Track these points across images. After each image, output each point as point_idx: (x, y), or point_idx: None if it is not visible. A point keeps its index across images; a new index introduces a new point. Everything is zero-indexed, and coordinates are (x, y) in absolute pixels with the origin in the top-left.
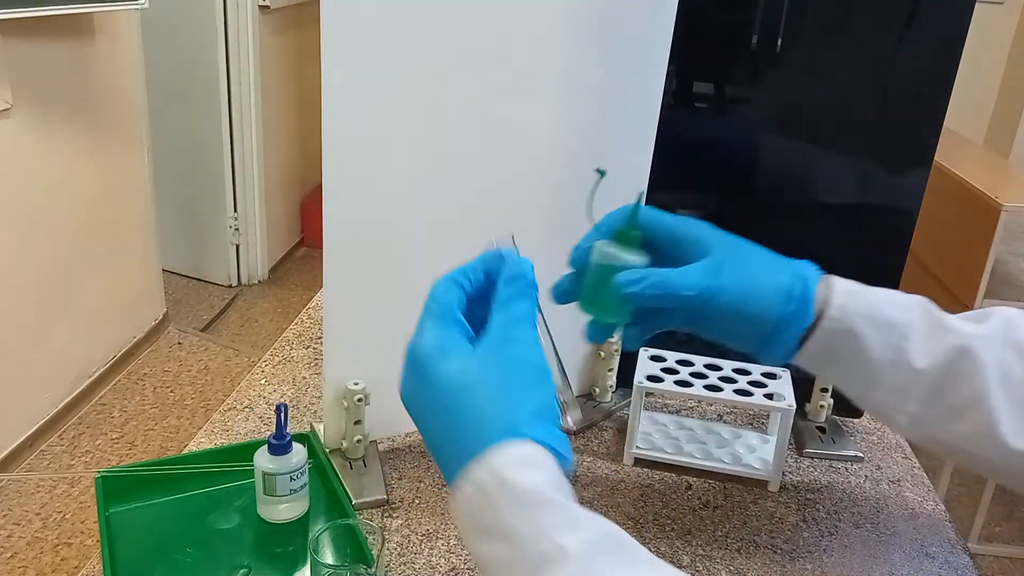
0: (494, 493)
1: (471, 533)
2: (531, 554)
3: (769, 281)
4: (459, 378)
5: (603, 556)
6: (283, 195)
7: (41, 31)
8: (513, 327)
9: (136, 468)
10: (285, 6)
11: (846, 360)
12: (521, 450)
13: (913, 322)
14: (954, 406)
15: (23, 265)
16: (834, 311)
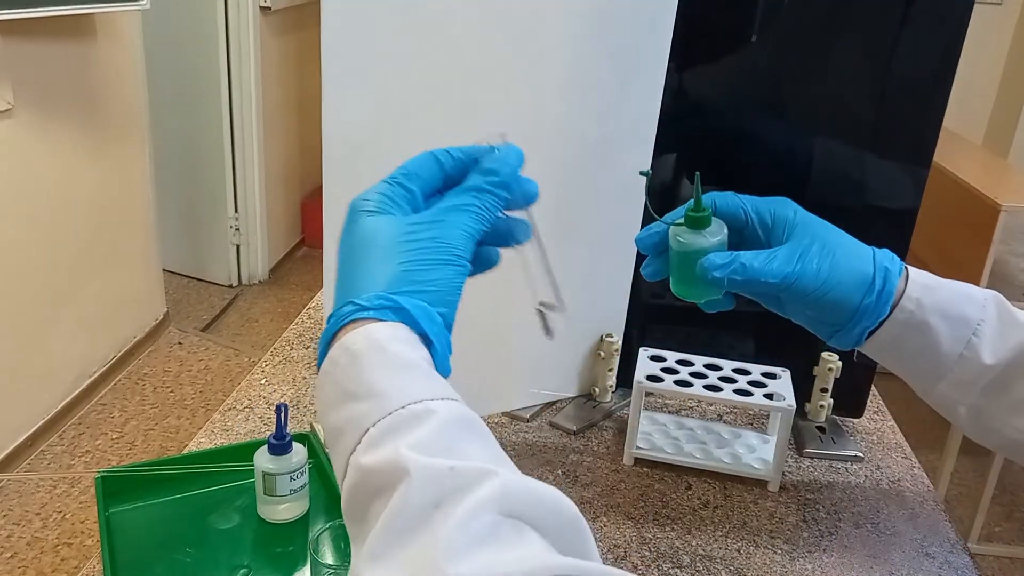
0: (366, 355)
1: (331, 404)
2: (394, 407)
3: (851, 270)
4: (368, 234)
5: (467, 430)
6: (283, 195)
7: (42, 31)
8: (453, 211)
9: (136, 468)
10: (286, 7)
11: (915, 352)
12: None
13: (985, 317)
14: (1016, 401)
15: (23, 265)
16: (908, 303)
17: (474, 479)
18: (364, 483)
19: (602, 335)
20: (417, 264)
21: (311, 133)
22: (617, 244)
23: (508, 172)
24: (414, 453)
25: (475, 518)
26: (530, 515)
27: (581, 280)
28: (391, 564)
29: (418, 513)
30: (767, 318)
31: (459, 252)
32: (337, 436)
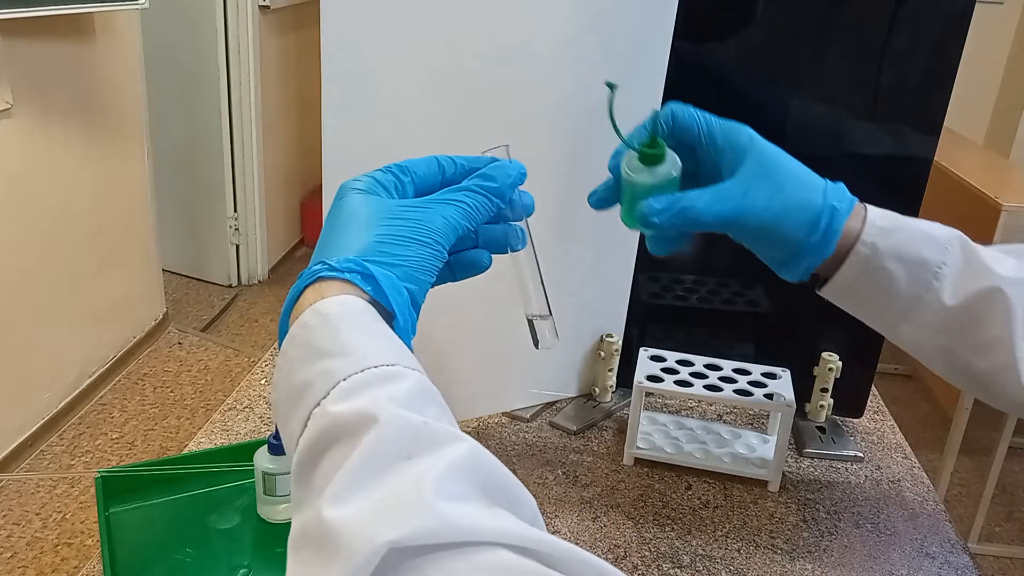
0: (340, 318)
1: (298, 362)
2: (369, 364)
3: (797, 207)
4: (352, 209)
5: (436, 403)
6: (283, 195)
7: (41, 31)
8: (439, 203)
9: (136, 468)
10: (285, 6)
11: (873, 296)
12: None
13: (947, 260)
14: (979, 343)
15: (23, 265)
16: (864, 248)
17: (448, 439)
18: (328, 431)
19: (602, 335)
20: (393, 239)
21: (311, 133)
22: (617, 244)
23: (504, 181)
24: (389, 403)
25: (457, 475)
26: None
27: (581, 280)
28: (360, 504)
29: (389, 461)
30: (767, 318)
31: (437, 236)
32: (302, 390)
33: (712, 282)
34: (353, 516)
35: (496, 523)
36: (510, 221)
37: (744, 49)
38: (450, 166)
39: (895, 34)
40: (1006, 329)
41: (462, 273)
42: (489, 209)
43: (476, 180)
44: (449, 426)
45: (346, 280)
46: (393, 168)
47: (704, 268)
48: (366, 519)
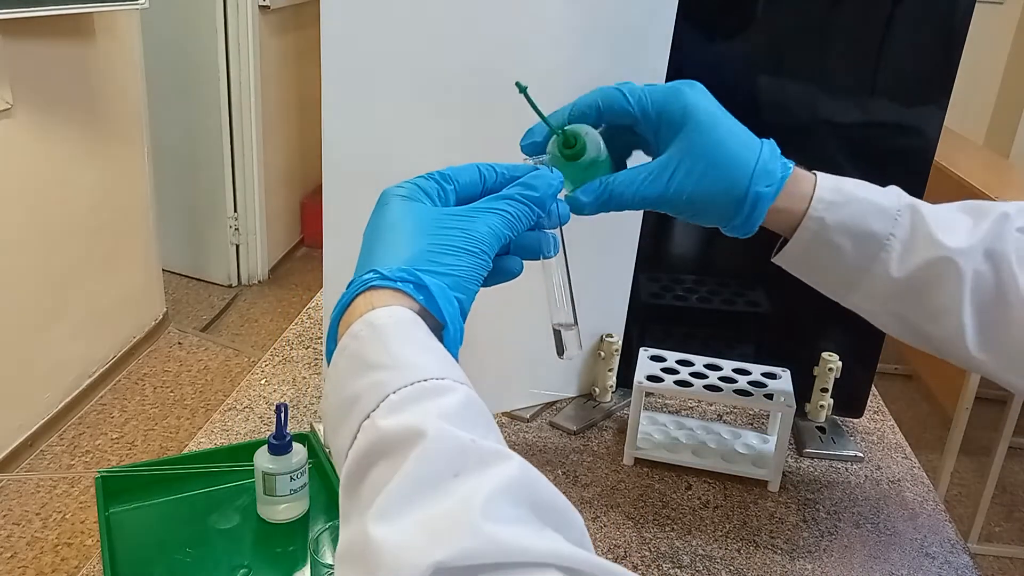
0: (390, 330)
1: (348, 374)
2: (418, 378)
3: (723, 191)
4: (397, 215)
5: (484, 417)
6: (283, 195)
7: (41, 31)
8: (484, 212)
9: (136, 468)
10: (285, 6)
11: (823, 267)
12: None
13: (896, 232)
14: (929, 311)
15: (23, 265)
16: (812, 223)
17: (496, 458)
18: (376, 445)
19: (602, 335)
20: (442, 248)
21: (311, 133)
22: (617, 244)
23: (546, 191)
24: (438, 419)
25: (506, 496)
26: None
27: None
28: (406, 523)
29: (437, 478)
30: (767, 318)
31: (484, 246)
32: (352, 403)
33: (712, 282)
34: (399, 535)
35: (545, 544)
36: (545, 229)
37: (744, 49)
38: (490, 175)
39: (895, 34)
40: (955, 299)
41: (493, 279)
42: (530, 218)
43: (518, 189)
44: (496, 442)
45: (397, 289)
46: (435, 175)
47: (704, 268)
48: (412, 538)
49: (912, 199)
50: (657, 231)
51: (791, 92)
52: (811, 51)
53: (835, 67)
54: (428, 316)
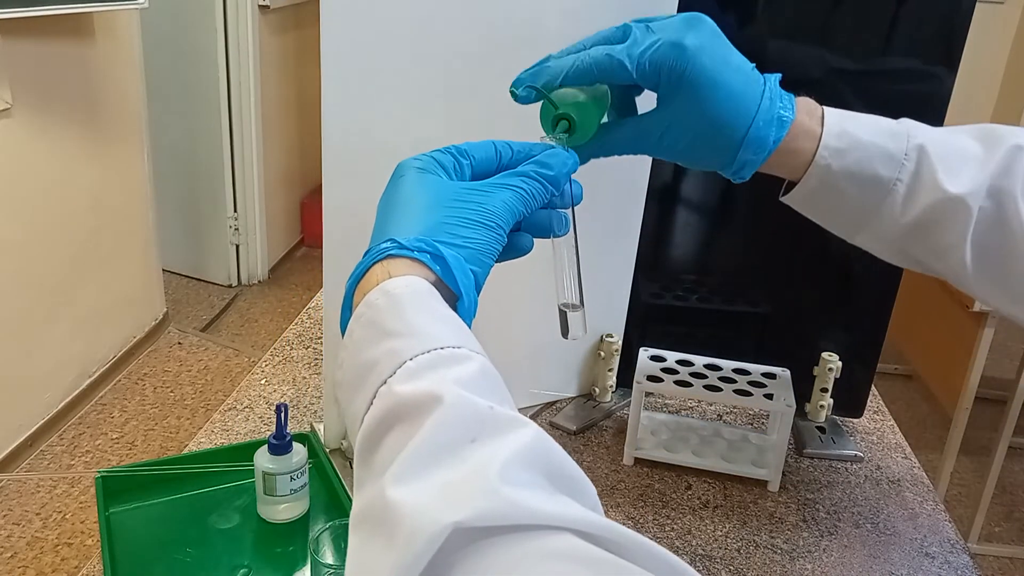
0: (407, 299)
1: (365, 341)
2: (436, 345)
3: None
4: (413, 187)
5: (500, 386)
6: (283, 195)
7: (41, 31)
8: (498, 187)
9: (136, 468)
10: (285, 6)
11: (830, 210)
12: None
13: (903, 176)
14: (934, 249)
15: (23, 265)
16: (817, 170)
17: (513, 424)
18: (393, 410)
19: (602, 335)
20: (458, 220)
21: (311, 133)
22: (617, 244)
23: (560, 170)
24: (455, 386)
25: (522, 462)
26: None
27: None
28: (424, 485)
29: (454, 443)
30: (767, 318)
31: (499, 220)
32: (368, 369)
33: (712, 282)
34: (417, 496)
35: (561, 508)
36: (558, 208)
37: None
38: (506, 151)
39: (895, 34)
40: (958, 238)
41: (504, 256)
42: (544, 196)
43: (533, 166)
44: (512, 411)
45: (414, 259)
46: (452, 150)
47: (704, 268)
48: (431, 500)
49: (922, 136)
50: (657, 231)
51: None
52: (811, 51)
53: (835, 66)
54: (443, 287)
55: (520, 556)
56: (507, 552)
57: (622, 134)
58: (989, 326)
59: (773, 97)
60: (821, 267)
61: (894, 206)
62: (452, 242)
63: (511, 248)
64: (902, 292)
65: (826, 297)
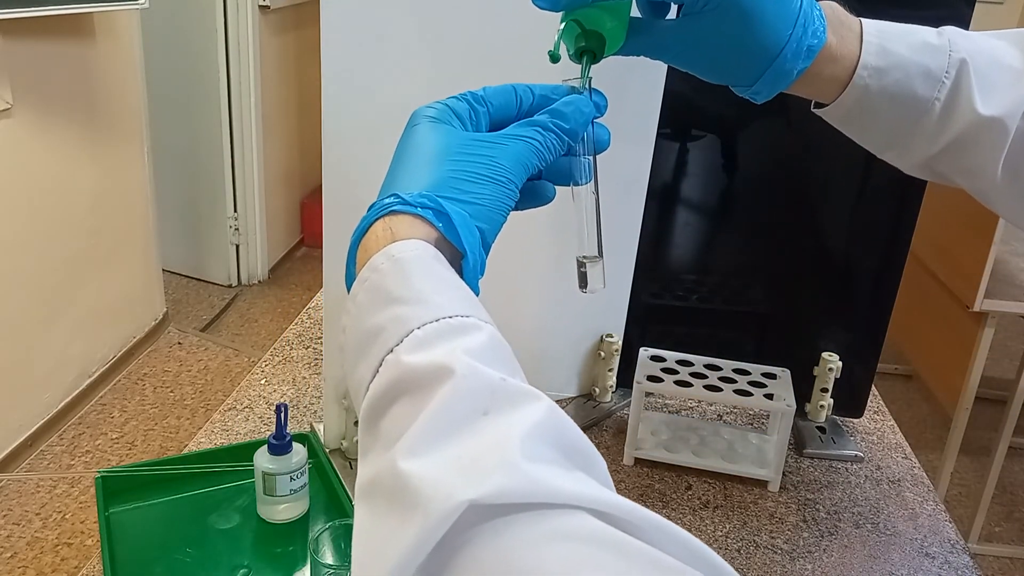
0: (413, 264)
1: (370, 306)
2: (444, 314)
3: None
4: (423, 139)
5: (510, 357)
6: (283, 195)
7: (41, 31)
8: (512, 139)
9: (136, 468)
10: (285, 6)
11: (864, 127)
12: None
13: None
14: (963, 168)
15: (23, 265)
16: (855, 91)
17: (525, 397)
18: (400, 380)
19: (602, 335)
20: (466, 175)
21: (311, 133)
22: (617, 244)
23: (577, 120)
24: (466, 357)
25: (537, 437)
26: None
27: None
28: (438, 458)
29: (465, 416)
30: (767, 318)
31: (510, 175)
32: (374, 336)
33: (712, 282)
34: (431, 470)
35: (578, 487)
36: (579, 155)
37: None
38: (527, 96)
39: None
40: (992, 158)
41: (525, 204)
42: (559, 148)
43: (548, 117)
44: (523, 384)
45: (418, 216)
46: (468, 96)
47: (704, 268)
48: (446, 474)
49: (963, 50)
50: (657, 231)
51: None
52: None
53: None
54: (448, 245)
55: (537, 536)
56: (524, 531)
57: (640, 42)
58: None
59: (807, 23)
60: (821, 267)
61: (928, 125)
62: (458, 197)
63: (531, 197)
64: (902, 292)
65: (826, 297)
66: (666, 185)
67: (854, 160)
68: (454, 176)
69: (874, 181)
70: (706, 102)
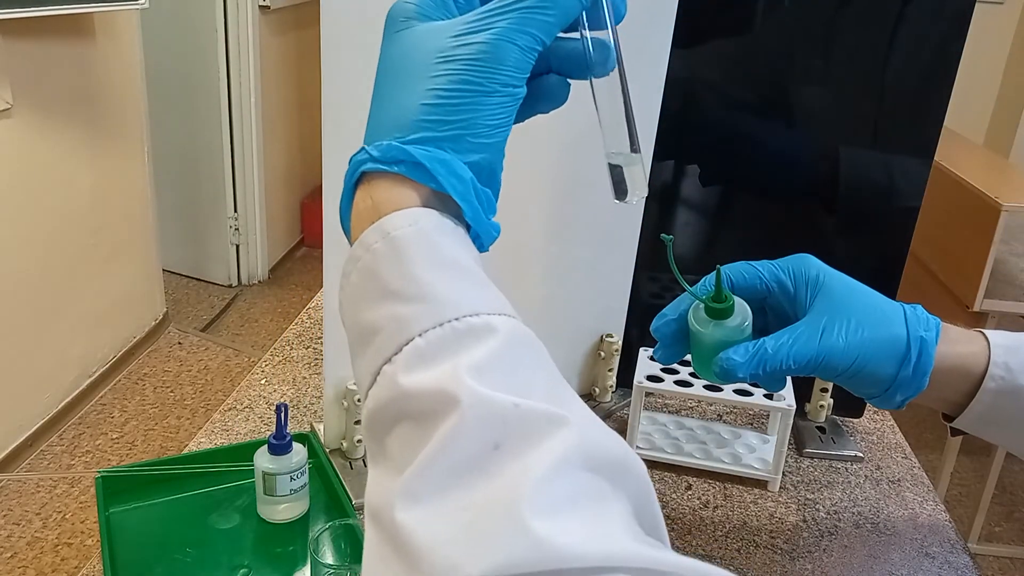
0: (411, 245)
1: (365, 298)
2: (448, 316)
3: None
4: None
5: (529, 353)
6: (283, 195)
7: (41, 31)
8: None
9: (136, 468)
10: (285, 6)
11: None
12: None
13: None
14: None
15: (23, 265)
16: (997, 369)
17: (544, 424)
18: (398, 403)
19: (602, 335)
20: (447, 96)
21: (311, 133)
22: (617, 244)
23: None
24: (472, 380)
25: (558, 474)
26: (606, 472)
27: (581, 280)
28: (440, 509)
29: (473, 452)
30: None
31: (507, 76)
32: (370, 335)
33: None
34: (432, 531)
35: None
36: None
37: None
38: None
39: (896, 34)
40: None
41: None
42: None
43: None
44: (546, 389)
45: (395, 174)
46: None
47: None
48: (449, 538)
49: None
50: (657, 231)
51: (792, 92)
52: (811, 49)
53: (835, 64)
54: (443, 197)
55: None
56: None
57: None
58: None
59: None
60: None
61: None
62: (437, 135)
63: (539, 98)
64: (902, 292)
65: None
66: (666, 185)
67: (854, 160)
68: (431, 103)
69: (875, 180)
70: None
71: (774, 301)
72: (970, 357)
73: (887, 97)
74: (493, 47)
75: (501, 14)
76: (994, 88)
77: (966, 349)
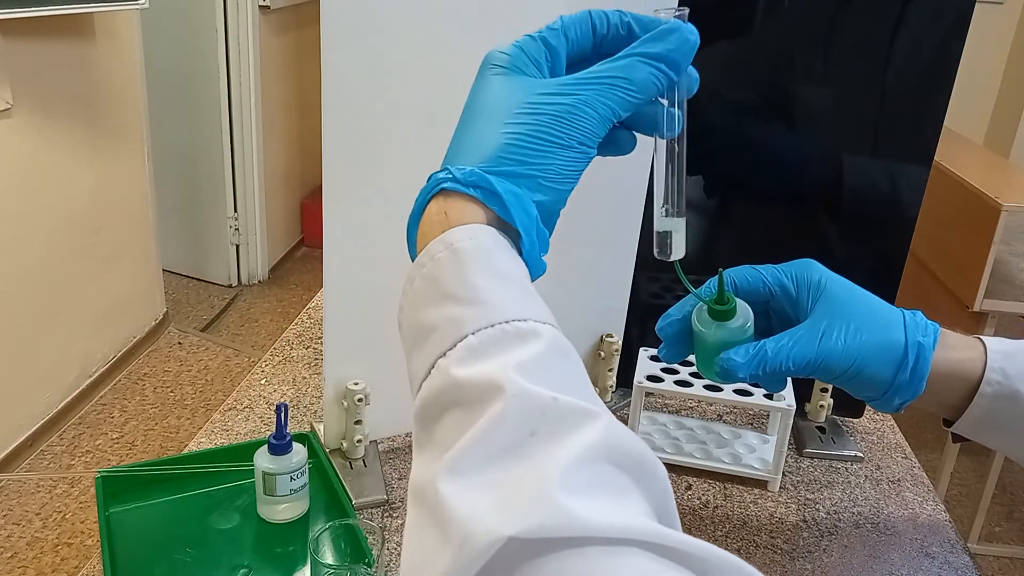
0: (470, 256)
1: (425, 300)
2: (499, 319)
3: (881, 346)
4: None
5: (568, 361)
6: (283, 195)
7: (41, 31)
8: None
9: (136, 468)
10: (285, 6)
11: (1012, 423)
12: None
13: None
14: None
15: (23, 265)
16: (993, 374)
17: (578, 418)
18: (449, 392)
19: (602, 335)
20: (528, 140)
21: (311, 133)
22: (617, 244)
23: (683, 49)
24: (517, 375)
25: (585, 461)
26: (630, 469)
27: (581, 280)
28: (478, 483)
29: (512, 437)
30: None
31: (584, 136)
32: (427, 332)
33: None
34: (470, 499)
35: (628, 520)
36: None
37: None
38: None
39: (896, 34)
40: None
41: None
42: (658, 88)
43: (646, 47)
44: (581, 391)
45: (470, 196)
46: (545, 35)
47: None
48: (485, 505)
49: None
50: None
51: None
52: (811, 49)
53: (835, 65)
54: (505, 224)
55: (585, 571)
56: (569, 570)
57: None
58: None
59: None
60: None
61: None
62: (514, 171)
63: (607, 145)
64: (902, 292)
65: None
66: None
67: (855, 161)
68: (515, 143)
69: (874, 181)
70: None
71: (777, 304)
72: (967, 362)
73: (887, 97)
74: (576, 110)
75: (589, 84)
76: (994, 88)
77: (963, 355)
